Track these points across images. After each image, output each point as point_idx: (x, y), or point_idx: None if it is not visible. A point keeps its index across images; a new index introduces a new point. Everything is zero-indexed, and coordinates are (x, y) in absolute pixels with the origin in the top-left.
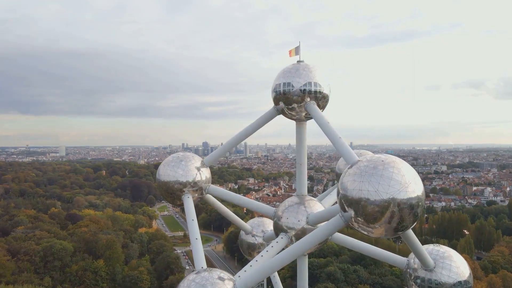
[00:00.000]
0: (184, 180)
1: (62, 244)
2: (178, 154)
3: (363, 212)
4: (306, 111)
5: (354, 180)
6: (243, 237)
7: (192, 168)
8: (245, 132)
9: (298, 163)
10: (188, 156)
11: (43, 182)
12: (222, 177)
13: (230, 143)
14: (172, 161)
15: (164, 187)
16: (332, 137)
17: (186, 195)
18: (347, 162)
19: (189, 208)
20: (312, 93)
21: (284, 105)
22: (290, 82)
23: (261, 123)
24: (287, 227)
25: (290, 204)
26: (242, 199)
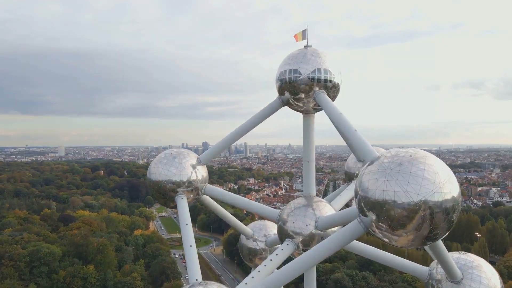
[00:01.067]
0: (177, 180)
1: (50, 248)
2: (171, 150)
3: (388, 217)
4: (314, 102)
5: (377, 179)
6: (243, 242)
7: (186, 165)
8: (246, 126)
9: (305, 160)
10: (182, 152)
11: (39, 182)
12: (222, 177)
13: (229, 138)
14: (164, 158)
15: (155, 187)
16: (347, 130)
17: (180, 196)
18: (365, 159)
19: (183, 211)
20: (321, 82)
21: (290, 95)
22: (296, 69)
23: (264, 115)
24: (293, 232)
25: (297, 206)
26: (243, 200)
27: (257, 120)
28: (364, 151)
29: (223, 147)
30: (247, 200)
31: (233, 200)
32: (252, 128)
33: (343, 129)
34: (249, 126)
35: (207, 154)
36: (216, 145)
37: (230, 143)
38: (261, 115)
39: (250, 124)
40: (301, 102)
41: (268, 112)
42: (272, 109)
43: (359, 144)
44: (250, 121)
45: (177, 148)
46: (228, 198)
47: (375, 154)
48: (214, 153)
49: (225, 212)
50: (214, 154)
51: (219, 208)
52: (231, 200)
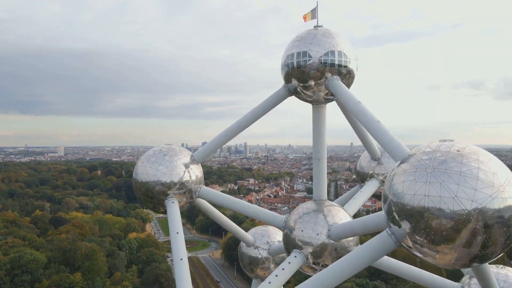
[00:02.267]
0: (167, 181)
1: (33, 254)
2: (161, 147)
3: (429, 229)
4: (326, 90)
5: (415, 180)
6: (243, 250)
7: (178, 164)
8: (246, 120)
9: (315, 158)
10: (173, 149)
11: (35, 182)
12: (222, 177)
13: (227, 133)
14: (152, 156)
15: (142, 189)
16: (368, 121)
17: (171, 199)
18: (392, 156)
19: (173, 217)
20: (335, 66)
21: (298, 83)
22: (306, 51)
23: (267, 107)
24: (302, 242)
25: (306, 212)
26: (243, 205)
27: (259, 113)
28: (393, 147)
29: (220, 143)
30: (248, 205)
31: (232, 204)
32: (253, 121)
33: (364, 121)
34: (250, 119)
35: (202, 152)
36: (212, 141)
37: (227, 139)
38: (264, 106)
39: (251, 117)
40: (311, 90)
41: (273, 102)
42: (277, 99)
43: (384, 137)
44: (251, 113)
45: (167, 145)
46: (226, 202)
47: (406, 150)
48: (210, 151)
49: (223, 217)
50: (210, 152)
51: (216, 212)
52: (229, 204)
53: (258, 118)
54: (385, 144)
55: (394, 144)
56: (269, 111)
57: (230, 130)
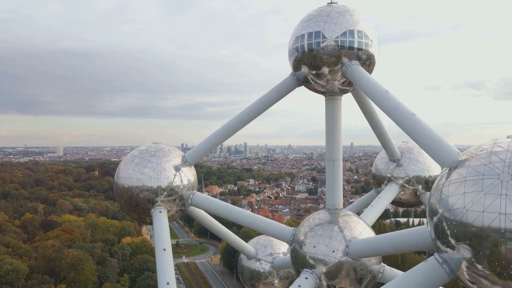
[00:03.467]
0: (154, 186)
1: (14, 264)
2: (147, 146)
3: (502, 260)
4: (342, 79)
5: (483, 192)
6: (244, 263)
7: (167, 167)
8: (249, 113)
9: (329, 160)
10: (162, 149)
11: (30, 183)
12: (221, 178)
13: (226, 130)
14: (137, 157)
15: (124, 196)
16: (400, 114)
17: (158, 208)
18: (436, 158)
19: (160, 229)
20: (354, 50)
21: (309, 70)
22: (319, 31)
23: (272, 99)
24: (315, 260)
25: (319, 223)
26: (243, 215)
27: (262, 107)
28: (436, 146)
29: (216, 142)
30: (249, 214)
31: (230, 214)
32: (254, 117)
33: (394, 114)
34: (251, 114)
35: (195, 152)
36: (207, 140)
37: (225, 138)
38: (268, 99)
39: (253, 112)
40: (324, 79)
41: (278, 94)
42: (283, 90)
43: (423, 135)
44: (253, 108)
45: (155, 144)
46: (223, 211)
47: (456, 150)
48: (204, 150)
49: (220, 226)
50: (204, 152)
51: (211, 221)
52: (227, 213)
53: (260, 113)
54: (425, 143)
55: (438, 143)
56: (274, 104)
57: (228, 127)
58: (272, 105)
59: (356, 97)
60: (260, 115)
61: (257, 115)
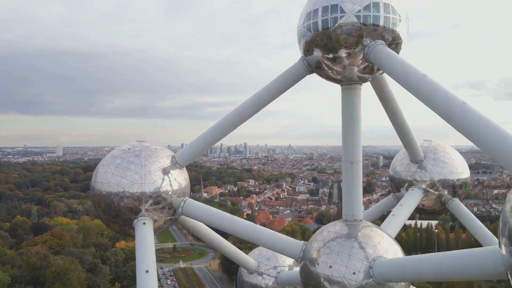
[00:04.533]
0: (137, 192)
1: None
2: (130, 144)
3: None
4: (364, 63)
5: None
6: (244, 278)
7: (153, 169)
8: (250, 106)
9: (347, 161)
10: (148, 149)
11: (25, 183)
12: (221, 179)
13: (222, 126)
14: (118, 157)
15: (102, 204)
16: (445, 102)
17: (142, 219)
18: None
19: (143, 244)
20: (379, 27)
21: (323, 53)
22: (336, 4)
23: (278, 89)
24: (330, 283)
25: (335, 237)
26: (243, 226)
27: (267, 97)
28: (501, 142)
29: (211, 141)
30: (250, 226)
31: (228, 225)
32: (256, 111)
33: (436, 104)
34: (252, 107)
35: (187, 152)
36: (201, 138)
37: (221, 136)
38: (274, 89)
39: (255, 104)
40: (341, 64)
41: (285, 84)
42: (291, 78)
43: (479, 128)
44: (256, 99)
45: (140, 142)
46: (220, 222)
47: None
48: (197, 150)
49: (215, 236)
50: (198, 152)
51: (205, 230)
52: (224, 224)
53: (262, 107)
54: (488, 142)
55: (504, 139)
56: (281, 95)
57: (225, 123)
58: (277, 97)
59: (376, 86)
60: (262, 108)
61: (259, 109)
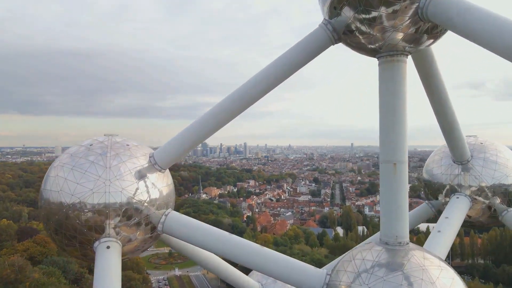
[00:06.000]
0: (99, 203)
1: None
2: (94, 139)
3: None
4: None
5: None
6: None
7: (123, 172)
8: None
9: (387, 162)
10: (117, 145)
11: (19, 184)
12: (220, 179)
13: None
14: (75, 157)
15: (52, 219)
16: None
17: (105, 241)
18: None
19: (104, 275)
20: None
21: (355, 13)
22: None
23: (291, 66)
24: None
25: (373, 267)
26: (245, 248)
27: (280, 73)
28: None
29: (199, 136)
30: (254, 248)
31: (227, 249)
32: (262, 94)
33: None
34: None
35: (168, 151)
36: (186, 133)
37: (215, 126)
38: (287, 64)
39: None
40: (380, 27)
41: (300, 59)
42: (309, 50)
43: None
44: (261, 78)
45: (108, 136)
46: (215, 243)
47: None
48: (183, 148)
49: (208, 255)
50: (183, 150)
51: (196, 251)
52: (220, 247)
53: (269, 90)
54: None
55: None
56: (292, 75)
57: (223, 109)
58: (288, 77)
59: (420, 62)
60: (267, 93)
61: (263, 94)
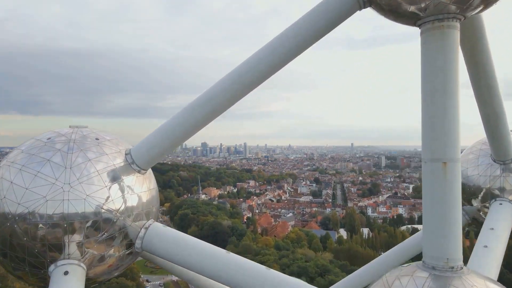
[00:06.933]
0: (55, 214)
1: None
2: (57, 132)
3: None
4: None
5: None
6: None
7: (91, 173)
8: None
9: (435, 160)
10: (84, 139)
11: None
12: (220, 179)
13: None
14: (27, 153)
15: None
16: None
17: (63, 264)
18: None
19: None
20: None
21: None
22: None
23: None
24: None
25: None
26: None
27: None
28: None
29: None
30: (254, 268)
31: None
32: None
33: None
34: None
35: (148, 147)
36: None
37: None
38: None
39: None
40: None
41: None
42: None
43: None
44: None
45: (73, 127)
46: (207, 264)
47: None
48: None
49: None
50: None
51: (185, 271)
52: (211, 269)
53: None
54: None
55: None
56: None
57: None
58: (302, 52)
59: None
60: (279, 69)
61: (275, 69)
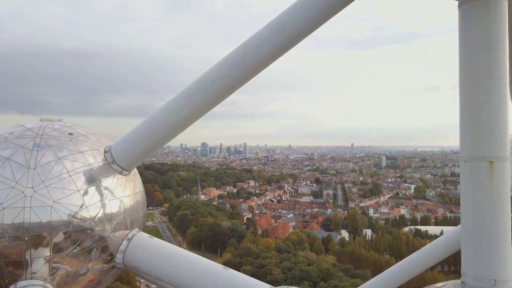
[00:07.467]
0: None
1: None
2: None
3: None
4: None
5: None
6: None
7: (62, 174)
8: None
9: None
10: (55, 134)
11: None
12: (220, 180)
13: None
14: None
15: None
16: None
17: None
18: None
19: None
20: None
21: None
22: None
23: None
24: None
25: None
26: None
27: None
28: None
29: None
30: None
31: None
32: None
33: None
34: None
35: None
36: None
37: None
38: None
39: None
40: None
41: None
42: None
43: None
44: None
45: (45, 120)
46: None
47: None
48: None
49: None
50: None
51: None
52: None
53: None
54: None
55: None
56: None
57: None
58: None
59: None
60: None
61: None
